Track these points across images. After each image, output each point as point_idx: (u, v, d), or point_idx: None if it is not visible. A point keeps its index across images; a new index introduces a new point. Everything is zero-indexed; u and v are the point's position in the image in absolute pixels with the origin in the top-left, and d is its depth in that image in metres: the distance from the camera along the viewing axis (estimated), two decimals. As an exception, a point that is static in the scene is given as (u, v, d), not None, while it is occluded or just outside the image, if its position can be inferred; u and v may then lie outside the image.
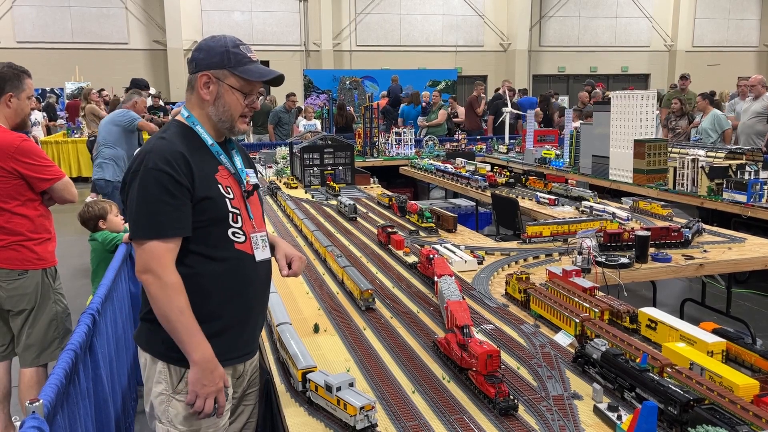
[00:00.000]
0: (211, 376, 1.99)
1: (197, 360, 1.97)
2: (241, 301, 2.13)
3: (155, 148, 2.01)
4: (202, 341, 1.98)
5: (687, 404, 1.85)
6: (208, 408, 2.01)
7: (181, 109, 2.20)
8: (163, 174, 1.95)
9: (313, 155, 7.10)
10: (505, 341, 2.64)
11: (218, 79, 2.08)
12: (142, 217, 1.97)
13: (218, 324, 2.09)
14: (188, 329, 1.97)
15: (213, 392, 2.00)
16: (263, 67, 2.13)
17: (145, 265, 1.96)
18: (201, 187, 2.02)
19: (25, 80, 3.60)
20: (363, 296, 3.10)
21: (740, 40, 27.70)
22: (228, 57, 2.07)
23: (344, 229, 4.92)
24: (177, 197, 1.97)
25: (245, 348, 2.22)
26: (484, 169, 7.41)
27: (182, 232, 1.99)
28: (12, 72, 3.56)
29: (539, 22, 25.73)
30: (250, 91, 2.12)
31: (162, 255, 1.95)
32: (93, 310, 2.83)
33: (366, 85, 18.59)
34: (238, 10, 22.51)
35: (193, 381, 1.99)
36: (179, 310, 1.95)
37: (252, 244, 2.14)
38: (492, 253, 4.06)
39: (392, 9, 24.06)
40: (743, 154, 7.39)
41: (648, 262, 3.81)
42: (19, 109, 3.59)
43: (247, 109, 2.13)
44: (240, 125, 2.14)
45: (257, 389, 2.40)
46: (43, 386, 2.08)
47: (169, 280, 1.95)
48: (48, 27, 20.79)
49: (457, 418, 2.02)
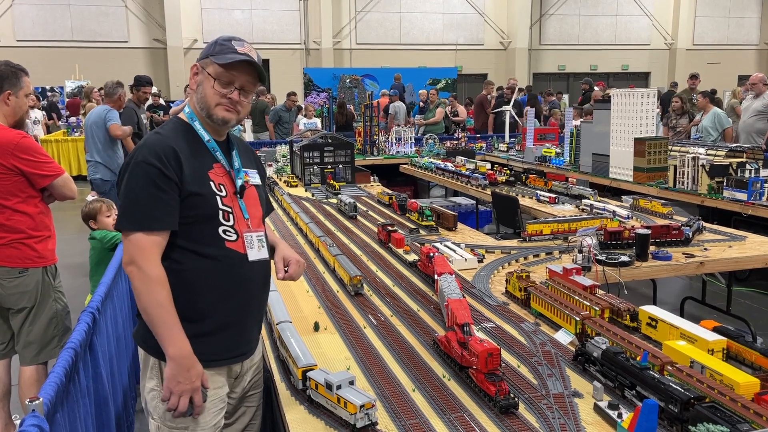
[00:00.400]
0: (187, 373, 1.96)
1: (172, 355, 1.95)
2: (233, 300, 2.10)
3: (147, 142, 2.05)
4: (180, 337, 1.96)
5: (688, 402, 1.85)
6: (182, 406, 1.97)
7: (184, 107, 2.21)
8: (152, 167, 1.96)
9: (313, 153, 7.10)
10: (506, 339, 2.64)
11: (203, 68, 2.10)
12: (128, 208, 1.99)
13: (209, 323, 2.06)
14: (166, 323, 1.95)
15: (188, 390, 1.97)
16: (239, 54, 2.06)
17: (129, 257, 1.97)
18: (191, 182, 2.02)
19: (23, 78, 3.62)
20: (352, 282, 3.26)
21: (741, 38, 27.68)
22: (214, 47, 2.10)
23: (344, 227, 4.91)
24: (164, 191, 1.97)
25: (239, 348, 2.18)
26: (485, 168, 7.41)
27: (168, 225, 1.99)
28: (10, 70, 3.58)
29: (539, 20, 25.71)
30: (228, 80, 2.08)
31: (146, 248, 1.96)
32: (93, 309, 2.83)
33: (366, 83, 18.57)
34: (238, 9, 22.50)
35: (168, 377, 1.97)
36: (158, 303, 1.94)
37: (245, 243, 2.12)
38: (492, 252, 4.06)
39: (392, 7, 24.05)
40: (743, 153, 7.39)
41: (648, 260, 3.81)
42: (17, 107, 3.61)
43: (224, 99, 2.08)
44: (218, 112, 2.09)
45: (260, 391, 2.37)
46: (43, 384, 2.08)
47: (151, 273, 1.95)
48: (48, 25, 20.79)
49: (458, 417, 2.02)
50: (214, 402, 2.10)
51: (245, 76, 2.10)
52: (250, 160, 2.31)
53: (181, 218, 2.01)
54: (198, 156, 2.08)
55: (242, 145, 2.33)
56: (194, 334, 2.01)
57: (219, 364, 2.12)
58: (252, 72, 2.11)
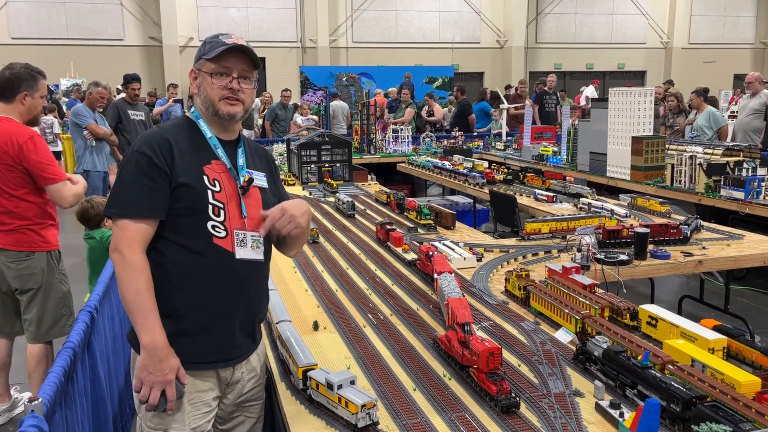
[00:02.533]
0: (159, 364, 1.93)
1: (145, 344, 1.94)
2: (215, 299, 2.06)
3: (145, 134, 2.12)
4: (155, 326, 1.95)
5: (690, 401, 1.84)
6: (152, 399, 1.94)
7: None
8: (143, 156, 2.00)
9: (310, 152, 7.08)
10: (506, 338, 2.63)
11: (199, 70, 2.13)
12: (117, 194, 2.03)
13: (189, 321, 2.04)
14: (142, 311, 1.94)
15: (159, 382, 1.94)
16: (227, 45, 2.07)
17: (115, 243, 1.99)
18: (181, 173, 2.02)
19: (40, 81, 3.92)
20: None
21: (736, 37, 27.73)
22: (204, 47, 2.13)
23: (342, 226, 4.90)
24: (153, 179, 1.99)
25: (224, 353, 2.12)
26: (482, 166, 7.41)
27: (153, 214, 2.00)
28: (28, 73, 3.87)
29: (536, 18, 25.70)
30: (224, 71, 2.10)
31: (130, 235, 1.97)
32: (91, 308, 2.82)
33: (363, 81, 18.53)
34: (234, 7, 22.41)
35: (139, 366, 1.96)
36: (136, 290, 1.94)
37: (234, 240, 2.08)
38: (491, 250, 4.06)
39: (389, 5, 24.00)
40: (740, 151, 7.41)
41: (647, 259, 3.81)
42: (32, 107, 3.90)
43: (225, 91, 2.10)
44: (223, 108, 2.11)
45: (261, 403, 2.33)
46: (42, 384, 2.07)
47: (131, 260, 1.95)
48: (42, 23, 20.67)
49: (459, 416, 2.01)
50: (196, 405, 2.06)
51: (240, 64, 2.11)
52: (262, 163, 2.29)
53: (170, 209, 2.02)
54: (196, 150, 2.10)
55: (254, 148, 2.33)
56: (175, 332, 2.00)
57: (203, 367, 2.08)
58: (245, 58, 2.12)
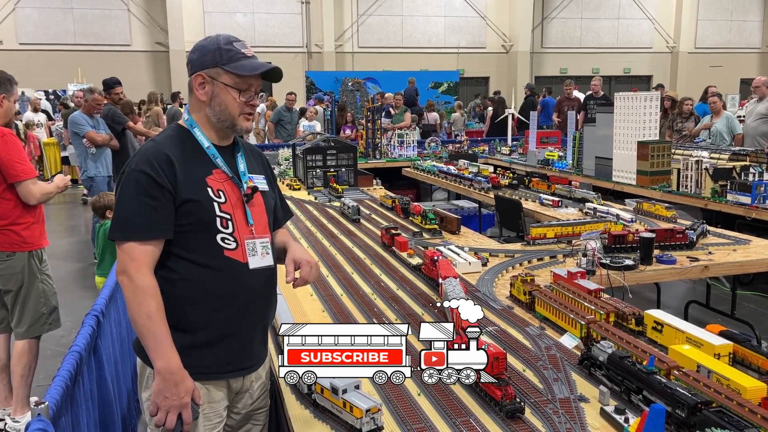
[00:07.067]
0: (175, 388, 1.90)
1: (160, 369, 1.90)
2: (231, 311, 2.03)
3: (142, 150, 2.03)
4: (169, 350, 1.91)
5: (695, 407, 1.84)
6: (169, 423, 1.90)
7: (184, 113, 2.19)
8: (143, 175, 1.93)
9: (315, 157, 7.10)
10: (511, 343, 2.63)
11: (212, 78, 2.03)
12: (120, 217, 1.97)
13: (203, 335, 2.01)
14: (155, 336, 1.90)
15: (176, 406, 1.91)
16: (257, 61, 2.05)
17: (121, 266, 1.94)
18: (186, 189, 1.97)
19: (14, 85, 4.07)
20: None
21: (743, 42, 27.67)
22: (220, 54, 2.02)
23: (347, 230, 4.91)
24: (156, 198, 1.93)
25: (239, 362, 2.10)
26: (487, 171, 7.41)
27: (160, 234, 1.95)
28: (4, 76, 3.97)
29: (541, 23, 25.72)
30: (247, 88, 2.05)
31: (137, 257, 1.92)
32: (97, 312, 2.83)
33: (368, 86, 18.58)
34: (241, 12, 22.54)
35: (155, 392, 1.91)
36: (147, 314, 1.89)
37: (246, 250, 2.04)
38: (496, 255, 4.06)
39: (394, 10, 24.07)
40: (747, 156, 7.38)
41: (653, 263, 3.80)
42: (8, 110, 4.03)
43: (246, 107, 2.06)
44: (242, 123, 2.07)
45: (266, 409, 2.31)
46: (49, 388, 2.08)
47: (140, 282, 1.90)
48: (50, 29, 20.82)
49: (464, 421, 2.01)
50: (209, 416, 2.05)
51: (259, 79, 2.07)
52: (258, 165, 2.25)
53: (177, 226, 1.97)
54: (195, 162, 2.03)
55: (249, 149, 2.27)
56: (188, 346, 1.97)
57: (217, 378, 2.06)
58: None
